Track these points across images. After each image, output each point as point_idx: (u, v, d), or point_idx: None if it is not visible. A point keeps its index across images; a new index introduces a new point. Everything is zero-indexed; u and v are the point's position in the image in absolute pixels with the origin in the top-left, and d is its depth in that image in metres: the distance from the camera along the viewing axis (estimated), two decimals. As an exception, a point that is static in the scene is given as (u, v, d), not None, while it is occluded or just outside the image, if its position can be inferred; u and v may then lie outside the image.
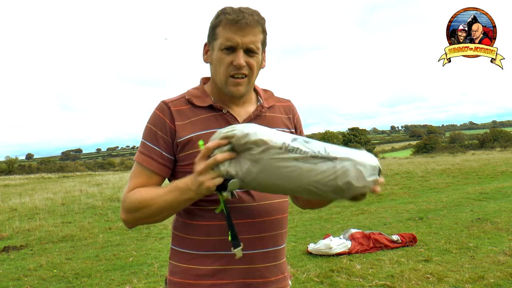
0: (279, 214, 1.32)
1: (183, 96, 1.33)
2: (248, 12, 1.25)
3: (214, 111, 1.31)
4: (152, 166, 1.27)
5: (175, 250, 1.33)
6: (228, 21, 1.24)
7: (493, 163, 17.90)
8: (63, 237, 7.40)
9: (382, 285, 4.10)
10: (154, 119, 1.30)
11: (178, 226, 1.33)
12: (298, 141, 1.11)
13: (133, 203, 1.23)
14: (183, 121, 1.28)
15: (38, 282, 4.87)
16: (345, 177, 1.09)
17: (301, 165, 1.09)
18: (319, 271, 4.55)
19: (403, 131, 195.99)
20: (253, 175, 1.09)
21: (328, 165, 1.09)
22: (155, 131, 1.28)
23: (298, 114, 1.48)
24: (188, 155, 1.25)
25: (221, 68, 1.27)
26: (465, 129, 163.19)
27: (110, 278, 4.85)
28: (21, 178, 27.55)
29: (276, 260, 1.32)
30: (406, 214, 7.73)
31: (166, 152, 1.28)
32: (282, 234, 1.34)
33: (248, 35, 1.24)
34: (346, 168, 1.10)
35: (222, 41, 1.25)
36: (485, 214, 7.07)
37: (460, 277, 4.15)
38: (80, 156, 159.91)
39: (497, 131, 52.19)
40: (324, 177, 1.09)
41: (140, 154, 1.30)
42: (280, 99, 1.46)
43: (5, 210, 11.11)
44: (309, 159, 1.09)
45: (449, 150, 37.31)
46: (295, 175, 1.09)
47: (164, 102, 1.31)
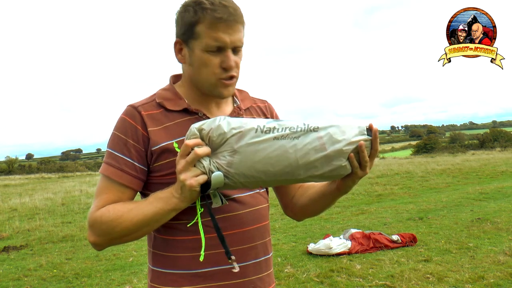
0: (265, 220, 1.25)
1: (153, 99, 1.19)
2: (232, 6, 1.11)
3: (189, 114, 1.18)
4: (124, 180, 1.12)
5: (157, 272, 1.18)
6: (214, 19, 1.09)
7: (493, 163, 17.89)
8: (63, 237, 7.40)
9: (382, 285, 4.10)
10: (123, 125, 1.14)
11: (158, 244, 1.18)
12: (273, 121, 1.05)
13: (105, 223, 1.08)
14: (157, 127, 1.14)
15: (38, 282, 4.87)
16: (332, 142, 1.02)
17: (283, 143, 1.01)
18: (319, 271, 4.55)
19: (403, 131, 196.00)
20: (235, 166, 1.02)
21: (311, 136, 1.03)
22: (125, 139, 1.13)
23: (276, 113, 1.38)
24: (165, 164, 1.13)
25: (207, 70, 1.14)
26: (465, 129, 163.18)
27: (110, 278, 4.85)
28: (21, 178, 27.56)
29: (268, 269, 1.24)
30: (406, 214, 7.73)
31: (139, 163, 1.13)
32: (270, 241, 1.28)
33: (235, 32, 1.12)
34: (331, 133, 1.03)
35: (208, 42, 1.11)
36: (485, 214, 7.07)
37: (460, 277, 4.15)
38: (80, 156, 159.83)
39: (497, 131, 52.12)
40: (311, 149, 1.02)
41: (108, 166, 1.13)
42: (256, 99, 1.35)
43: (5, 210, 11.12)
44: (289, 135, 1.02)
45: (449, 150, 37.30)
46: (279, 154, 1.01)
47: (133, 106, 1.16)
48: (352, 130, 1.05)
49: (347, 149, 1.04)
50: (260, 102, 1.36)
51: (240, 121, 1.05)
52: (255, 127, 1.03)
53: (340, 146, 1.03)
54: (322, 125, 1.04)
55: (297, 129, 1.03)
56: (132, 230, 1.08)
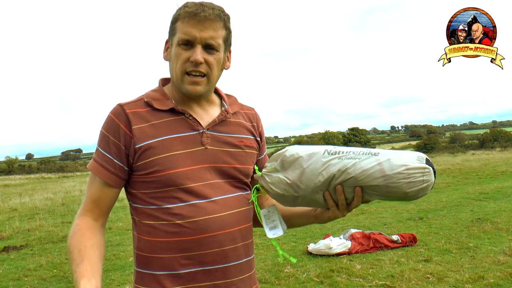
0: (248, 222, 1.25)
1: (141, 99, 1.22)
2: (209, 6, 1.15)
3: (176, 114, 1.20)
4: (102, 175, 1.16)
5: (141, 273, 1.19)
6: (187, 14, 1.14)
7: (493, 163, 17.91)
8: (63, 237, 7.39)
9: (382, 285, 4.10)
10: (107, 123, 1.18)
11: (142, 246, 1.19)
12: (338, 147, 1.19)
13: (68, 245, 1.12)
14: (141, 125, 1.16)
15: (38, 282, 4.87)
16: (390, 165, 1.11)
17: (346, 162, 1.14)
18: (319, 271, 4.55)
19: (403, 131, 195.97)
20: (300, 175, 1.17)
21: (371, 158, 1.13)
22: (108, 136, 1.17)
23: (261, 124, 1.39)
24: (149, 163, 1.14)
25: (177, 64, 1.17)
26: (465, 129, 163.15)
27: (110, 278, 4.85)
28: (21, 178, 27.57)
29: (250, 271, 1.25)
30: (406, 214, 7.73)
31: (118, 160, 1.16)
32: (252, 243, 1.28)
33: (207, 29, 1.14)
34: (389, 157, 1.13)
35: (180, 35, 1.15)
36: (485, 214, 7.07)
37: (460, 277, 4.15)
38: (80, 156, 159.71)
39: (497, 131, 52.15)
40: (369, 167, 1.12)
41: (92, 161, 1.19)
42: (243, 106, 1.36)
43: (5, 210, 11.12)
44: (352, 157, 1.15)
45: (449, 150, 37.31)
46: (340, 166, 1.14)
47: (120, 105, 1.19)
48: (411, 158, 1.13)
49: (403, 173, 1.11)
50: (247, 109, 1.36)
51: (311, 148, 1.21)
52: (323, 150, 1.18)
53: (397, 170, 1.11)
54: (382, 152, 1.16)
55: (360, 153, 1.16)
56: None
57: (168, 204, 1.14)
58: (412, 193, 1.12)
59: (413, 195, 1.12)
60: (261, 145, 1.36)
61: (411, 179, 1.10)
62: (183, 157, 1.16)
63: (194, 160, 1.17)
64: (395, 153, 1.15)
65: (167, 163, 1.14)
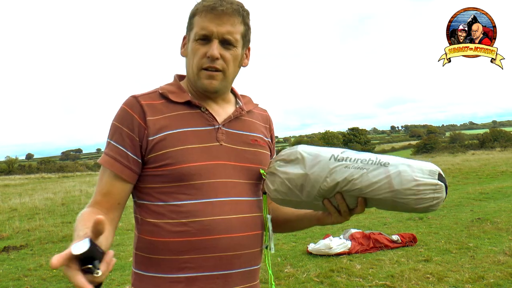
0: (258, 230, 1.19)
1: (156, 91, 1.19)
2: (228, 1, 1.12)
3: (192, 108, 1.17)
4: (115, 168, 1.10)
5: (140, 275, 1.15)
6: (204, 8, 1.12)
7: (493, 163, 17.91)
8: (63, 237, 7.39)
9: (382, 285, 4.10)
10: (120, 115, 1.13)
11: (142, 247, 1.14)
12: (347, 152, 1.14)
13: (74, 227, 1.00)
14: (156, 116, 1.12)
15: (38, 282, 4.87)
16: (399, 179, 1.06)
17: (353, 171, 1.08)
18: (319, 271, 4.55)
19: (403, 131, 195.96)
20: (312, 175, 1.12)
21: (380, 169, 1.07)
22: (121, 128, 1.11)
23: (273, 127, 1.37)
24: (161, 155, 1.10)
25: (194, 60, 1.14)
26: (465, 129, 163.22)
27: (110, 278, 4.85)
28: (21, 178, 27.56)
29: (253, 281, 1.19)
30: (406, 214, 7.72)
31: (132, 153, 1.11)
32: (260, 252, 1.21)
33: (224, 24, 1.11)
34: (399, 169, 1.07)
35: (197, 30, 1.13)
36: (485, 214, 7.07)
37: (460, 277, 4.15)
38: (80, 156, 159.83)
39: (497, 131, 52.10)
40: (377, 180, 1.07)
41: (104, 155, 1.13)
42: (257, 107, 1.34)
43: (5, 210, 11.12)
44: (360, 166, 1.09)
45: (449, 150, 37.30)
46: (347, 175, 1.09)
47: (134, 96, 1.15)
48: (422, 173, 1.07)
49: (413, 190, 1.06)
50: (261, 110, 1.35)
51: (319, 149, 1.17)
52: (329, 156, 1.13)
53: (407, 186, 1.06)
54: (393, 162, 1.09)
55: (368, 161, 1.10)
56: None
57: (175, 201, 1.10)
58: (420, 209, 1.07)
59: (421, 211, 1.08)
60: (272, 148, 1.34)
61: (421, 196, 1.05)
62: (197, 151, 1.12)
63: (208, 156, 1.13)
64: (406, 165, 1.08)
65: (180, 156, 1.10)
